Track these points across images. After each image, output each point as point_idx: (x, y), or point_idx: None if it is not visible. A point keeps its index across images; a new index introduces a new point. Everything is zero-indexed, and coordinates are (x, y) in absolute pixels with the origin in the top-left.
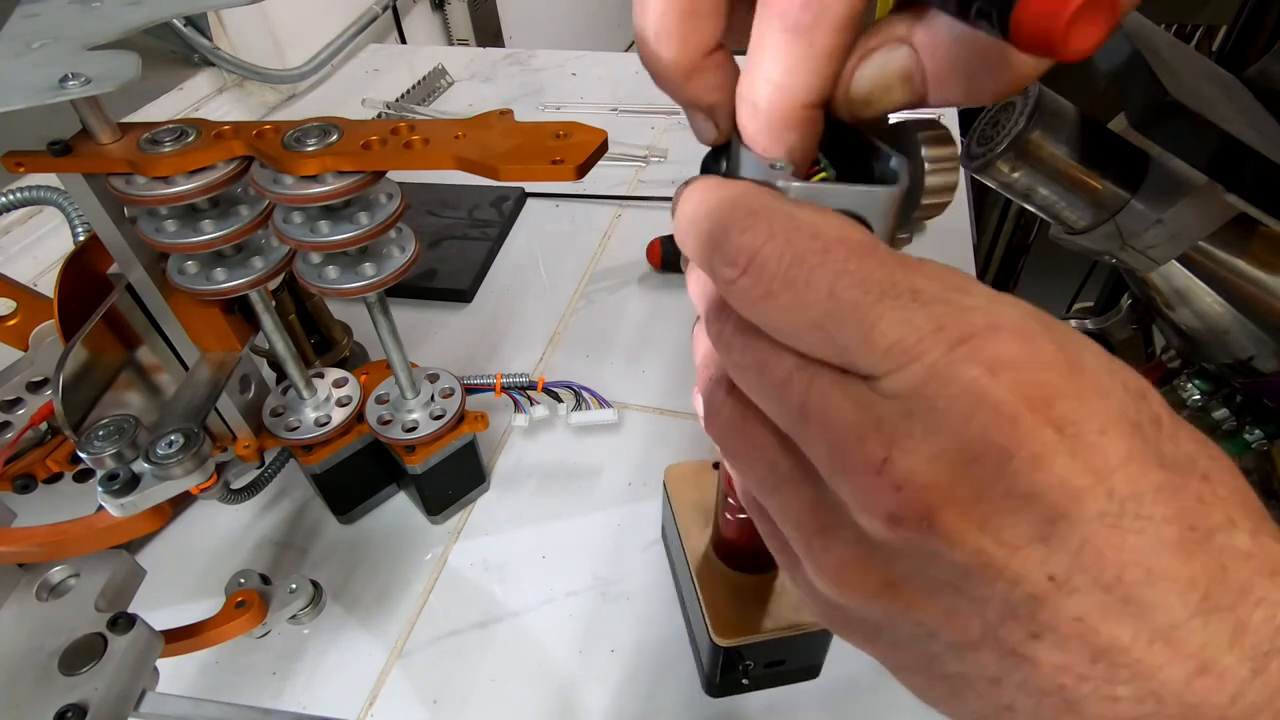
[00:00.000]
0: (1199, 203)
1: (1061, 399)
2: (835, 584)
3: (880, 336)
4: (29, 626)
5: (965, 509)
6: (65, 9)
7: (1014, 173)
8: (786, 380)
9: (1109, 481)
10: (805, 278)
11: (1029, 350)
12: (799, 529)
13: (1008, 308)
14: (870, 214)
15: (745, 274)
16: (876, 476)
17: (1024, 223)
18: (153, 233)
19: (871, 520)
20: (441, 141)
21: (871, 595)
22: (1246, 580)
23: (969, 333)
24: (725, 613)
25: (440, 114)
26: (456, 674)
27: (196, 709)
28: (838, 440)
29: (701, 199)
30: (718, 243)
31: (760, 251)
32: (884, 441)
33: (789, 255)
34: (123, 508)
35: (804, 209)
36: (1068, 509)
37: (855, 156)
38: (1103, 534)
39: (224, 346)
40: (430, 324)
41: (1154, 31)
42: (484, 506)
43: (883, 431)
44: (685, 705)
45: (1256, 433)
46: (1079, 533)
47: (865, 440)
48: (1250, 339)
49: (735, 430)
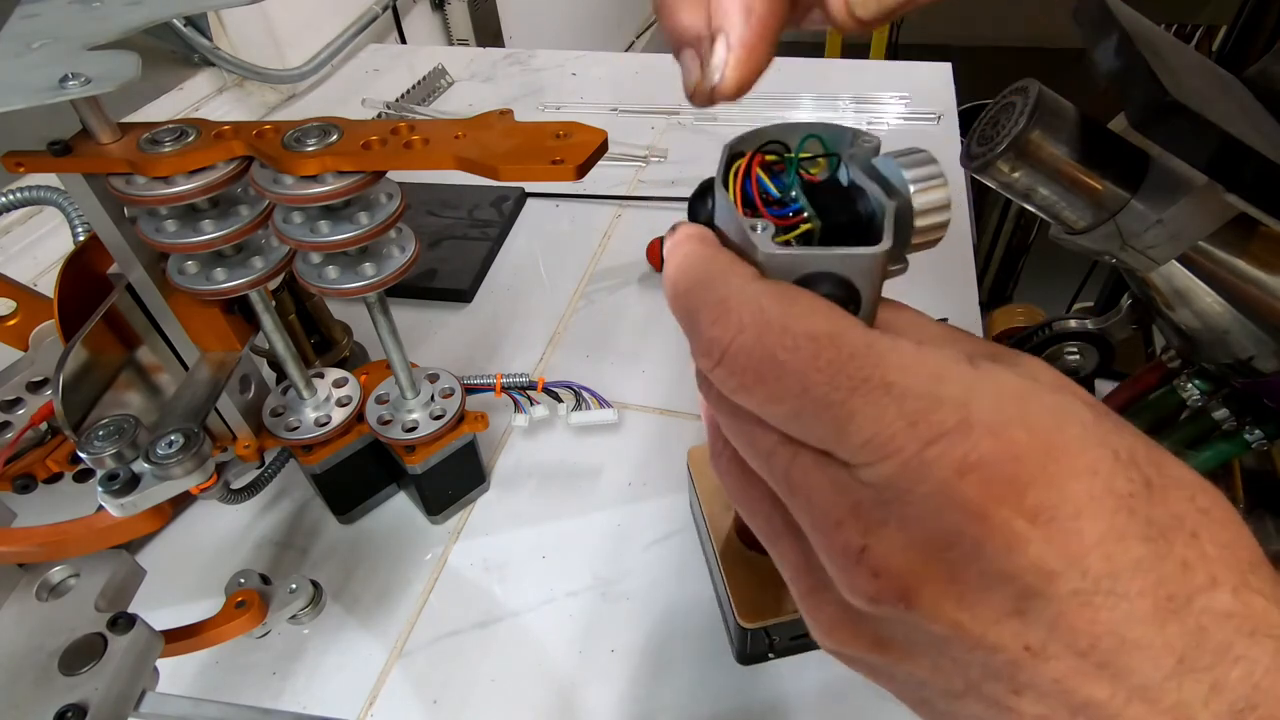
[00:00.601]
0: (1199, 203)
1: (1034, 488)
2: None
3: (854, 433)
4: (29, 626)
5: (941, 588)
6: (65, 9)
7: (1014, 173)
8: (771, 453)
9: (1083, 563)
10: (777, 374)
11: (999, 445)
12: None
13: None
14: (854, 275)
15: (719, 366)
16: (856, 563)
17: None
18: (153, 233)
19: (853, 598)
20: (441, 141)
21: (863, 650)
22: (1225, 640)
23: (939, 431)
24: (749, 595)
25: (440, 114)
26: (456, 674)
27: (196, 709)
28: (819, 521)
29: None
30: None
31: (731, 346)
32: (861, 529)
33: (759, 352)
34: (123, 508)
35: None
36: (1042, 589)
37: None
38: (1076, 610)
39: (224, 346)
40: (430, 324)
41: (1154, 31)
42: (484, 506)
43: (860, 518)
44: (685, 705)
45: (1256, 433)
46: (1053, 608)
47: (844, 525)
48: (1250, 339)
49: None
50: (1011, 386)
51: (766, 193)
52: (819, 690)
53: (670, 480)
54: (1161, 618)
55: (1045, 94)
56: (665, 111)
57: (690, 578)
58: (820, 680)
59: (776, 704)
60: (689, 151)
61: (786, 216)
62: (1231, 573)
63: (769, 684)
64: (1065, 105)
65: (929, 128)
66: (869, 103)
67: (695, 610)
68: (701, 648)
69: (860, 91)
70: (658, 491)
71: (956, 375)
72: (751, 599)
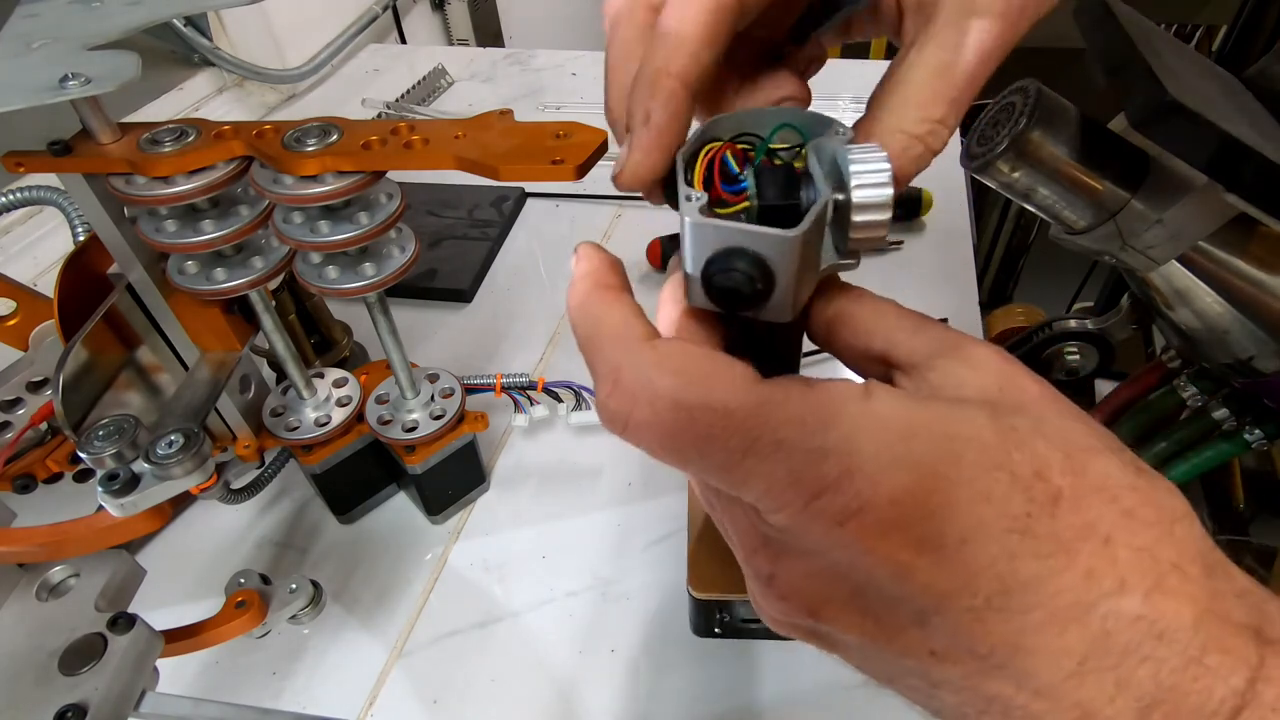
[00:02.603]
0: (1199, 203)
1: (917, 524)
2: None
3: (749, 490)
4: (29, 626)
5: (844, 606)
6: (65, 9)
7: (1014, 173)
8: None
9: (973, 585)
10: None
11: (879, 491)
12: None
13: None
14: (770, 256)
15: (626, 434)
16: (767, 586)
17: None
18: (153, 233)
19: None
20: (441, 141)
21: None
22: (1132, 641)
23: (823, 486)
24: (707, 568)
25: (440, 114)
26: (456, 674)
27: (196, 709)
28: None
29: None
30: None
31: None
32: (770, 559)
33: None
34: (123, 508)
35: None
36: (937, 606)
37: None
38: (970, 624)
39: (224, 346)
40: (430, 324)
41: (1154, 31)
42: (484, 506)
43: (769, 550)
44: (686, 705)
45: (1256, 433)
46: (950, 622)
47: (757, 554)
48: (1250, 339)
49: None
50: (899, 424)
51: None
52: (819, 690)
53: (670, 480)
54: (1060, 625)
55: (1045, 94)
56: None
57: None
58: (820, 680)
59: (777, 704)
60: None
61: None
62: (1144, 577)
63: (769, 684)
64: (1065, 105)
65: None
66: None
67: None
68: (702, 648)
69: (860, 91)
70: (658, 491)
71: (846, 420)
72: (708, 573)
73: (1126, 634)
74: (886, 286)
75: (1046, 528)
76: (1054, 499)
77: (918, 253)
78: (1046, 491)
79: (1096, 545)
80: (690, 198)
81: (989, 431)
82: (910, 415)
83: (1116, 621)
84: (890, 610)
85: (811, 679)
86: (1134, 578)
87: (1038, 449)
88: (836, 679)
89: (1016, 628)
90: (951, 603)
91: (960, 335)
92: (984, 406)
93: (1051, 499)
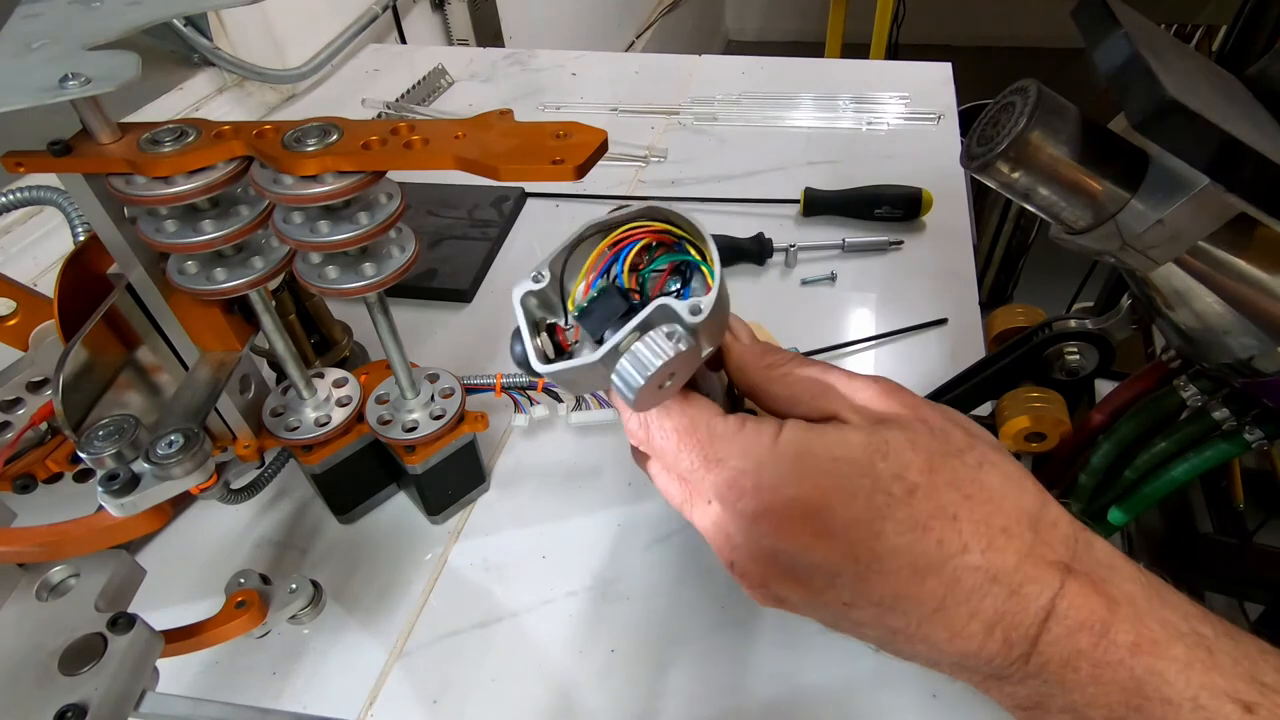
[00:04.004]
0: (1199, 203)
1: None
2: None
3: (710, 489)
4: (29, 626)
5: (781, 577)
6: (65, 9)
7: (1014, 173)
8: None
9: (854, 555)
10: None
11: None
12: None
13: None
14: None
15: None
16: (731, 570)
17: (1024, 223)
18: (153, 233)
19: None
20: (441, 141)
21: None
22: (975, 584)
23: (741, 494)
24: None
25: (440, 114)
26: (456, 674)
27: (196, 709)
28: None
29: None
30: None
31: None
32: (730, 550)
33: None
34: (123, 508)
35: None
36: (837, 571)
37: (612, 310)
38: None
39: (224, 346)
40: (430, 324)
41: (1154, 31)
42: (484, 506)
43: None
44: (686, 705)
45: (1256, 433)
46: (849, 581)
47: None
48: (1250, 339)
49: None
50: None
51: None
52: (819, 690)
53: None
54: (921, 577)
55: (1045, 94)
56: (665, 111)
57: (690, 578)
58: (820, 680)
59: (776, 704)
60: (689, 151)
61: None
62: (980, 539)
63: (769, 684)
64: (1065, 105)
65: (929, 128)
66: (869, 103)
67: (696, 610)
68: (702, 648)
69: (860, 91)
70: (658, 491)
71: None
72: None
73: (970, 579)
74: (887, 286)
75: (904, 513)
76: (910, 491)
77: (918, 253)
78: (904, 487)
79: (946, 521)
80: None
81: (859, 450)
82: (804, 444)
83: (963, 571)
84: (810, 577)
85: (811, 679)
86: (973, 541)
87: (903, 455)
88: (836, 679)
89: (892, 582)
90: (845, 568)
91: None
92: (862, 430)
93: (908, 492)
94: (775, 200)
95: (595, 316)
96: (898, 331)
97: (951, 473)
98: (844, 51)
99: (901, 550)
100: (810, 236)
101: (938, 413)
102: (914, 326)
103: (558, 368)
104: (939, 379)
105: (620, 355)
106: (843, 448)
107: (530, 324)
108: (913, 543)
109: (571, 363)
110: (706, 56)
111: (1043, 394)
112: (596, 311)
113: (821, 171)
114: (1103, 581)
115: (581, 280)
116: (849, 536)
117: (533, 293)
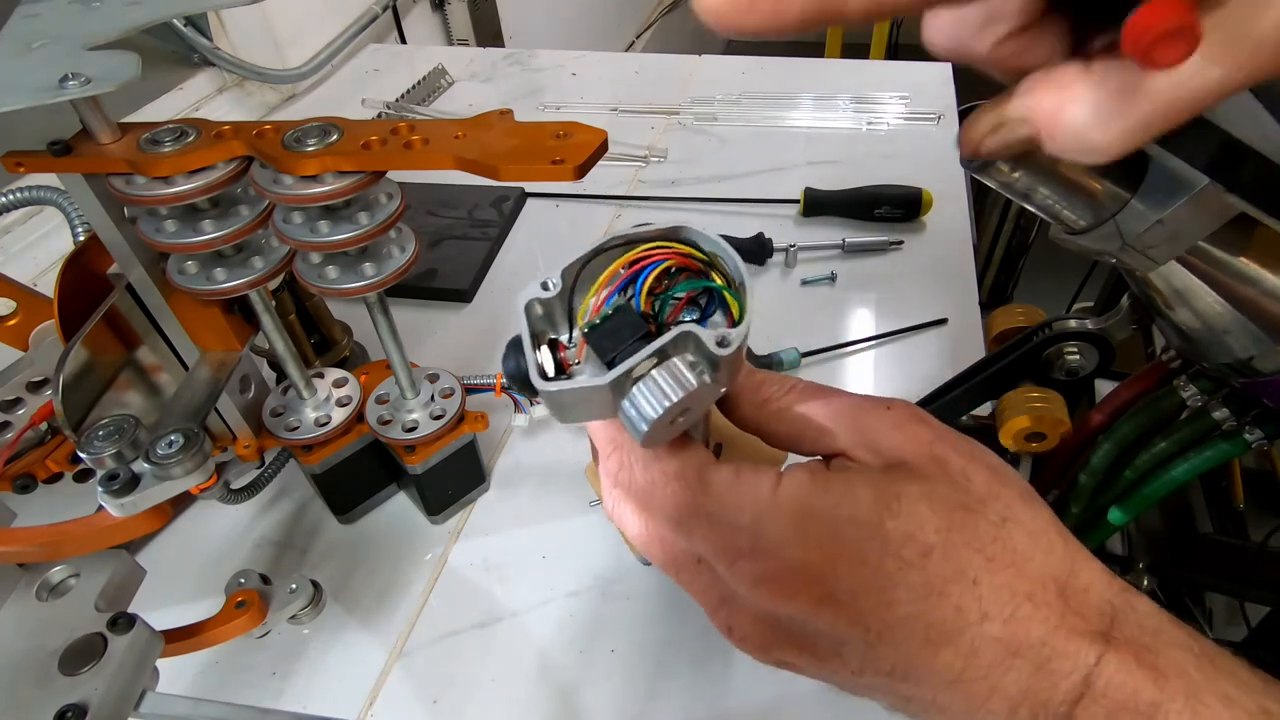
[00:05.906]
0: (1199, 203)
1: (815, 584)
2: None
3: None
4: (29, 626)
5: (784, 642)
6: (65, 9)
7: (1014, 173)
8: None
9: (864, 625)
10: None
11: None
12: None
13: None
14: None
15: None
16: (729, 634)
17: (1024, 223)
18: (153, 233)
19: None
20: (441, 141)
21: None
22: (995, 658)
23: (737, 555)
24: None
25: (440, 114)
26: (456, 674)
27: (196, 709)
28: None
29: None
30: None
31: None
32: (727, 614)
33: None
34: (123, 508)
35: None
36: (844, 640)
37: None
38: (868, 653)
39: (224, 346)
40: (430, 324)
41: None
42: (484, 506)
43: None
44: (685, 706)
45: (1256, 433)
46: (856, 651)
47: (717, 612)
48: (1250, 339)
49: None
50: (796, 509)
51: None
52: (818, 690)
53: None
54: (935, 649)
55: None
56: (665, 111)
57: None
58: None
59: (777, 704)
60: (689, 151)
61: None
62: (1003, 608)
63: (769, 684)
64: None
65: (929, 128)
66: (869, 103)
67: (695, 610)
68: (701, 648)
69: (860, 91)
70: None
71: (757, 505)
72: None
73: (990, 652)
74: (887, 286)
75: (918, 578)
76: (924, 554)
77: (918, 253)
78: (917, 549)
79: (965, 585)
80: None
81: (867, 508)
82: (807, 501)
83: (982, 643)
84: (814, 643)
85: (810, 680)
86: (994, 609)
87: (917, 512)
88: None
89: (904, 652)
90: (853, 637)
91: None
92: (871, 481)
93: (922, 554)
94: (775, 200)
95: (609, 335)
96: (898, 331)
97: (972, 531)
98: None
99: (915, 619)
100: (810, 236)
101: (959, 450)
102: (914, 326)
103: (561, 387)
104: (939, 379)
105: (634, 382)
106: (850, 505)
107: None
108: (927, 610)
109: (576, 383)
110: (706, 56)
111: (1043, 394)
112: (611, 329)
113: (821, 171)
114: (1147, 651)
115: (594, 295)
116: (857, 605)
117: (539, 301)
